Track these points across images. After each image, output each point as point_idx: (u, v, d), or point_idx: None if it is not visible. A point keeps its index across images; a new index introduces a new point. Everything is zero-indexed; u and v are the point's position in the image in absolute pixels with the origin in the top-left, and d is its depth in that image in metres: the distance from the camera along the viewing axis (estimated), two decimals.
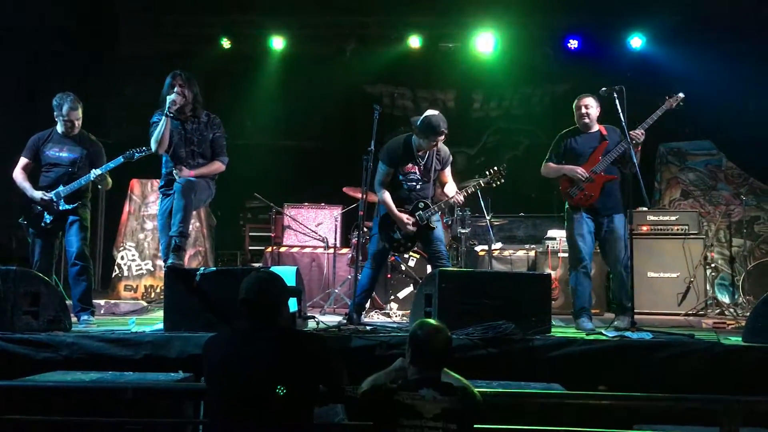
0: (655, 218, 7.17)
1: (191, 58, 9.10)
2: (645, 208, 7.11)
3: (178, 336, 4.37)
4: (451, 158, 5.57)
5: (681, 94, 5.34)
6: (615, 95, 5.17)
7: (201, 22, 9.68)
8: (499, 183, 5.44)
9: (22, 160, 5.49)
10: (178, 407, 3.85)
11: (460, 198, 5.38)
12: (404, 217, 5.31)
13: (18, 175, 5.46)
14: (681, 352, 4.30)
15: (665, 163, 8.67)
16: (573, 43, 9.19)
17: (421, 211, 5.35)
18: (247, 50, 9.70)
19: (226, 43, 9.54)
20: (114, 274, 7.89)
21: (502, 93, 9.97)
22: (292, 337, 3.07)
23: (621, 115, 5.16)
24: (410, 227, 5.31)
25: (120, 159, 5.39)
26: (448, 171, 5.55)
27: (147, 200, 7.93)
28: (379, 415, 3.04)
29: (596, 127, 5.57)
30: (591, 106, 5.53)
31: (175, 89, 4.95)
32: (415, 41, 9.39)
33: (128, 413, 3.64)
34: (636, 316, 5.11)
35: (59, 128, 5.47)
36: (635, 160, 5.15)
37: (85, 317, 5.28)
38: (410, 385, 3.00)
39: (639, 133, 5.25)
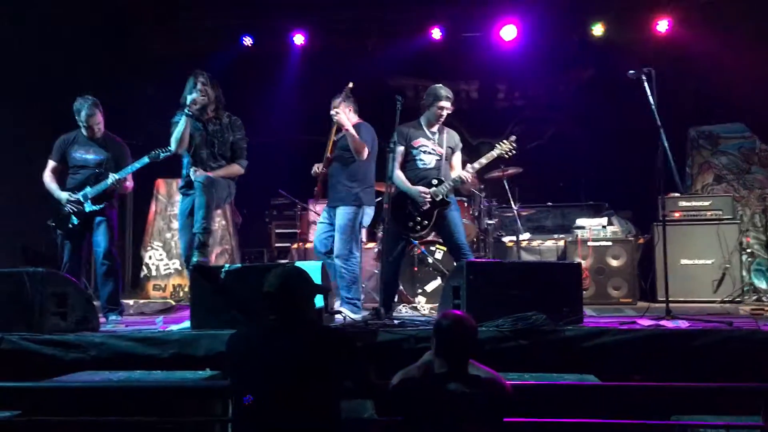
0: (688, 204, 7.00)
1: (213, 55, 9.09)
2: (677, 194, 6.97)
3: (206, 334, 4.35)
4: (460, 145, 5.56)
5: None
6: (644, 78, 5.06)
7: (222, 20, 9.67)
8: (510, 154, 5.42)
9: (50, 163, 5.55)
10: (206, 405, 3.83)
11: (469, 174, 5.31)
12: (419, 188, 5.25)
13: (46, 177, 5.52)
14: (719, 339, 4.17)
15: (696, 148, 8.45)
16: (597, 29, 9.01)
17: (435, 187, 5.28)
18: (269, 47, 9.66)
19: (247, 41, 9.53)
20: (142, 274, 7.94)
21: (526, 82, 9.80)
22: (317, 333, 3.03)
23: (650, 98, 5.05)
24: (426, 198, 5.23)
25: (146, 159, 5.40)
26: (457, 158, 5.52)
27: (173, 200, 7.94)
28: (408, 410, 2.99)
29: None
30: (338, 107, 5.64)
31: (197, 87, 4.94)
32: (436, 32, 9.29)
33: (157, 412, 3.64)
34: (671, 305, 5.00)
35: (84, 132, 5.50)
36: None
37: (113, 317, 5.30)
38: (438, 378, 2.94)
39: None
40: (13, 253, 7.36)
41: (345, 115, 5.48)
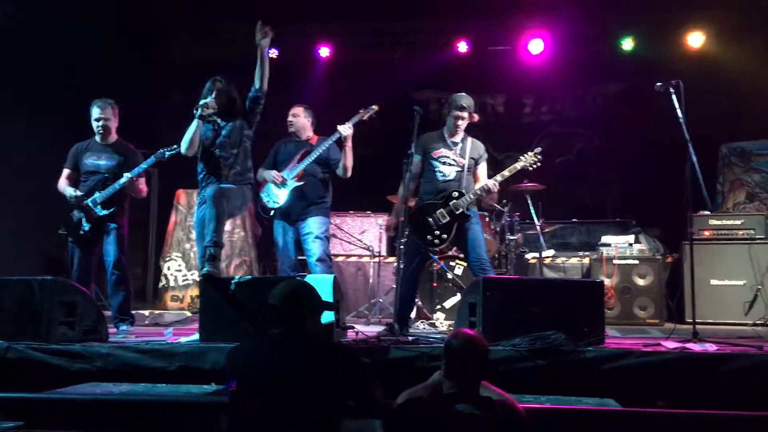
0: (718, 222, 6.77)
1: (239, 65, 9.06)
2: (707, 212, 6.74)
3: (213, 347, 4.25)
4: (486, 155, 5.42)
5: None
6: (672, 90, 4.89)
7: (249, 31, 9.66)
8: (535, 166, 5.29)
9: (65, 171, 5.57)
10: (210, 421, 3.72)
11: (492, 183, 5.17)
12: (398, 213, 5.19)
13: (60, 184, 5.52)
14: (749, 364, 3.97)
15: (728, 165, 8.20)
16: (627, 43, 8.83)
17: (455, 200, 5.14)
18: (294, 58, 9.61)
19: (273, 52, 9.50)
20: (161, 285, 7.88)
21: (553, 96, 9.64)
22: (321, 348, 2.90)
23: (678, 110, 4.88)
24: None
25: (152, 159, 5.40)
26: (482, 169, 5.38)
27: (193, 210, 7.85)
28: (413, 430, 2.85)
29: (307, 136, 5.77)
30: (298, 115, 5.76)
31: (213, 92, 4.94)
32: (463, 45, 9.19)
33: (159, 427, 3.54)
34: (698, 327, 4.79)
35: (97, 137, 5.51)
36: None
37: (124, 327, 5.22)
38: (446, 399, 2.80)
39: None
40: (36, 263, 7.36)
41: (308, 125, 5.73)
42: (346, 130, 5.35)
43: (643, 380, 3.99)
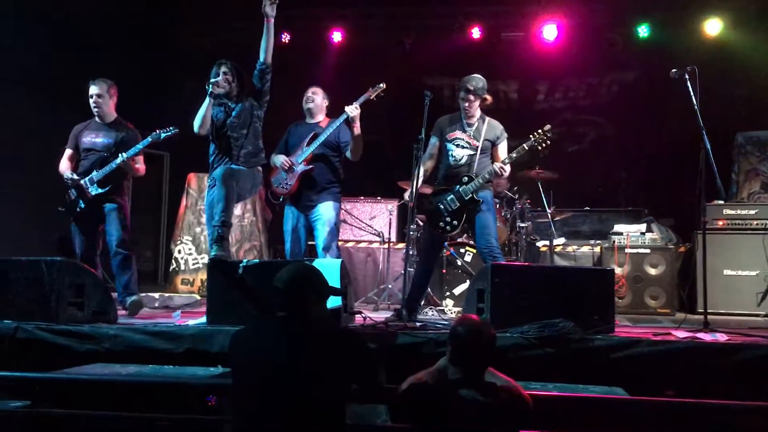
0: (733, 212, 6.69)
1: (250, 52, 9.04)
2: (721, 202, 6.66)
3: (221, 330, 4.24)
4: (505, 135, 5.28)
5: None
6: (686, 77, 4.81)
7: (260, 16, 9.62)
8: (545, 145, 5.12)
9: (67, 152, 5.60)
10: (215, 403, 3.73)
11: (499, 167, 5.06)
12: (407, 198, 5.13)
13: (61, 165, 5.55)
14: (759, 355, 3.91)
15: (743, 154, 8.08)
16: (643, 30, 8.71)
17: (464, 185, 5.08)
18: (306, 44, 9.57)
19: (285, 37, 9.46)
20: (171, 268, 7.90)
21: (567, 83, 9.54)
22: (325, 332, 2.89)
23: (693, 98, 4.80)
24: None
25: (148, 140, 5.40)
26: (502, 149, 5.25)
27: (203, 194, 7.87)
28: (417, 416, 2.84)
29: (319, 118, 5.63)
30: (317, 94, 5.65)
31: (219, 75, 4.93)
32: (476, 31, 9.10)
33: (165, 409, 3.55)
34: (710, 317, 4.74)
35: (96, 117, 5.55)
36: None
37: (134, 298, 5.24)
38: (450, 385, 2.78)
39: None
40: (45, 245, 7.38)
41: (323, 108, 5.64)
42: (353, 110, 5.27)
43: (651, 369, 3.95)
